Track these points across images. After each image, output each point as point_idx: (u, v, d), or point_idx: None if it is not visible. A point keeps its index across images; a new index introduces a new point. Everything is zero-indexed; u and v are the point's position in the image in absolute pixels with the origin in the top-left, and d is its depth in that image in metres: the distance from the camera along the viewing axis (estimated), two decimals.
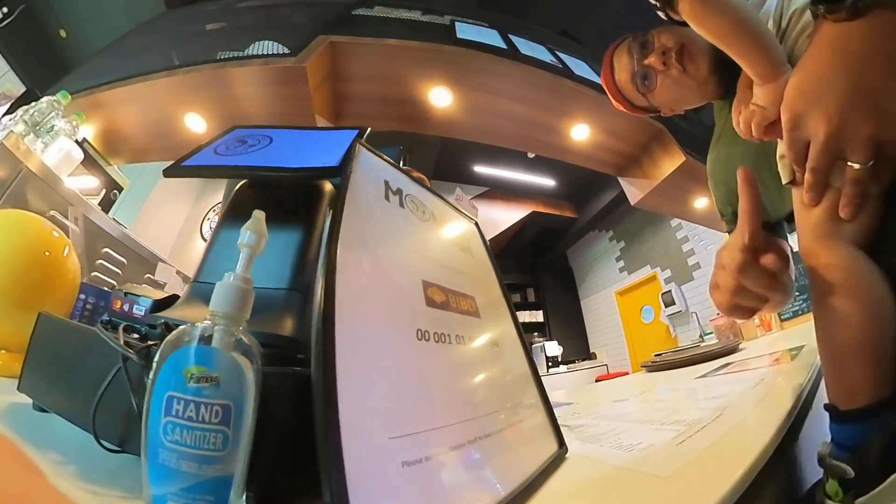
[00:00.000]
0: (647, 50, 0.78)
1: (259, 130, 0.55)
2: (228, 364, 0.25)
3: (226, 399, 0.24)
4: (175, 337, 0.25)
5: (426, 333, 0.32)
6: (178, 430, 0.23)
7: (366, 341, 0.28)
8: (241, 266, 0.28)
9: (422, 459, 0.26)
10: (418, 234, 0.40)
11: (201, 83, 2.13)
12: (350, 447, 0.23)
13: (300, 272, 0.41)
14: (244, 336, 0.26)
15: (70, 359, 0.38)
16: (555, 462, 0.39)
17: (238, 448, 0.24)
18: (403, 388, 0.28)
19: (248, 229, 0.29)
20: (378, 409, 0.26)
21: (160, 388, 0.24)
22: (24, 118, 1.73)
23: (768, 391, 0.57)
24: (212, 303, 0.26)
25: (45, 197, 1.57)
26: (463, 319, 0.39)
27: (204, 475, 0.23)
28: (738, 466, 0.31)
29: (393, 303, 0.32)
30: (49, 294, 0.61)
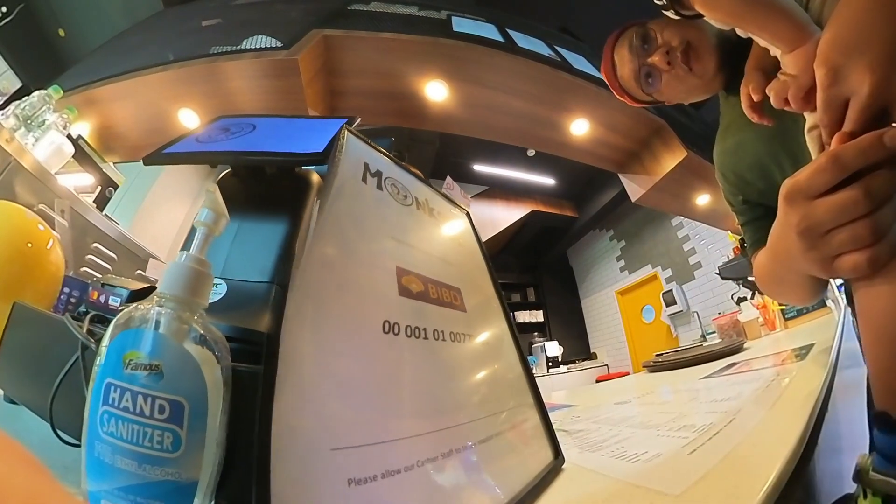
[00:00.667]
0: (649, 46, 0.74)
1: (243, 119, 0.53)
2: (175, 353, 0.22)
3: (175, 394, 0.21)
4: (123, 319, 0.23)
5: (395, 326, 0.28)
6: (114, 420, 0.20)
7: (322, 334, 0.24)
8: (195, 246, 0.25)
9: (376, 476, 0.21)
10: (396, 218, 0.36)
11: (194, 78, 2.12)
12: (282, 458, 0.19)
13: (283, 265, 0.38)
14: (201, 326, 0.23)
15: (39, 349, 0.37)
16: (549, 475, 0.35)
17: (198, 452, 0.21)
18: (358, 389, 0.24)
19: (204, 206, 0.26)
20: (322, 413, 0.21)
21: (102, 373, 0.22)
22: (15, 112, 1.74)
23: (781, 393, 0.53)
24: (160, 284, 0.24)
25: (34, 191, 1.56)
26: (444, 313, 0.34)
27: (148, 477, 0.20)
28: (762, 479, 0.26)
29: (358, 291, 0.28)
30: (30, 286, 0.61)
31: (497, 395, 0.36)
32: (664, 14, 0.63)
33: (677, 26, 0.72)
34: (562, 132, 2.44)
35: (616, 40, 0.81)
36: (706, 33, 0.72)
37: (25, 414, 0.35)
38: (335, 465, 0.20)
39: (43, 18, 3.04)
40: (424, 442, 0.25)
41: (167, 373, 0.21)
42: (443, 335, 0.32)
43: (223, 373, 0.23)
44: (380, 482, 0.21)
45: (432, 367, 0.29)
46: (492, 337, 0.41)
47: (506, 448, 0.32)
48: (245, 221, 0.41)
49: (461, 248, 0.45)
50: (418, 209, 0.41)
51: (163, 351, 0.21)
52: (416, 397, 0.27)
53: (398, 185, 0.41)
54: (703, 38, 0.72)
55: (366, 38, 2.03)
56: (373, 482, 0.21)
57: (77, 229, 1.69)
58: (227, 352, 0.24)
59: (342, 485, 0.20)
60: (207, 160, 0.51)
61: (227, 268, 0.37)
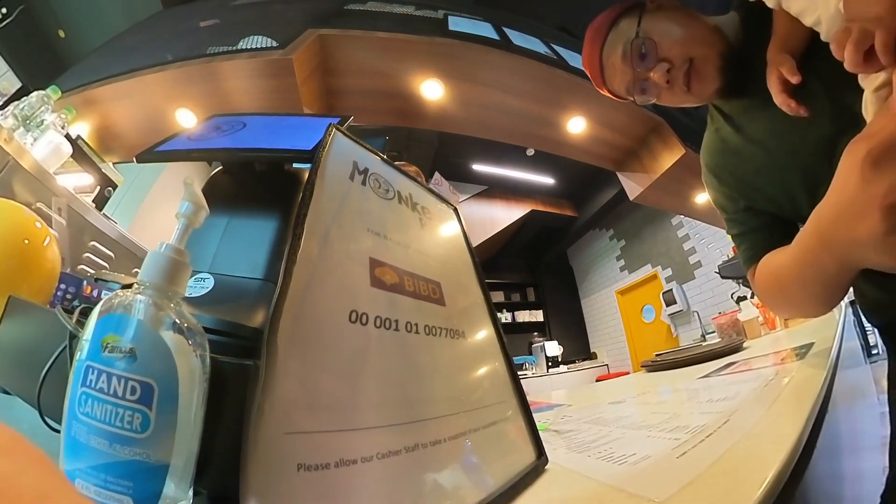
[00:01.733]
0: (647, 61, 0.66)
1: (235, 117, 0.54)
2: (147, 336, 0.23)
3: (145, 376, 0.22)
4: (105, 305, 0.24)
5: (363, 316, 0.27)
6: (90, 401, 0.22)
7: (297, 324, 0.24)
8: (175, 237, 0.26)
9: (329, 465, 0.21)
10: (373, 210, 0.35)
11: (191, 78, 2.13)
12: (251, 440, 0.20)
13: (274, 262, 0.39)
14: (176, 314, 0.24)
15: (31, 341, 0.38)
16: (529, 475, 0.33)
17: (168, 435, 0.22)
18: (317, 376, 0.23)
19: (184, 199, 0.27)
20: (282, 398, 0.21)
21: (82, 357, 0.23)
22: (13, 112, 1.76)
23: (779, 393, 0.51)
24: (140, 272, 0.25)
25: (32, 190, 1.57)
26: (420, 305, 0.33)
27: (117, 456, 0.21)
28: (754, 486, 0.25)
29: (328, 280, 0.27)
30: (26, 281, 0.61)
31: (474, 390, 0.35)
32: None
33: (683, 36, 0.65)
34: (559, 130, 2.43)
35: (605, 37, 0.71)
36: (713, 50, 0.65)
37: (18, 404, 0.36)
38: (287, 449, 0.20)
39: (43, 19, 3.05)
40: (387, 434, 0.24)
41: (140, 356, 0.22)
42: (416, 328, 0.31)
43: (199, 361, 0.23)
44: (332, 471, 0.21)
45: (402, 360, 0.29)
46: (471, 331, 0.39)
47: (480, 445, 0.31)
48: (235, 217, 0.41)
49: (445, 243, 0.44)
50: (400, 203, 0.41)
51: (137, 335, 0.22)
52: (381, 388, 0.26)
53: (380, 179, 0.40)
54: (710, 55, 0.65)
55: (361, 38, 2.03)
56: (325, 469, 0.21)
57: (75, 227, 1.69)
58: (205, 341, 0.24)
59: (292, 470, 0.20)
60: (198, 157, 0.51)
61: (215, 262, 0.37)
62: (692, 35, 0.65)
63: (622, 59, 0.68)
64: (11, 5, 2.77)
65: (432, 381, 0.30)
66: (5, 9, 2.75)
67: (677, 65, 0.65)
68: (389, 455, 0.23)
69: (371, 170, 0.40)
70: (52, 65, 2.94)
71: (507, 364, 0.41)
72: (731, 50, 0.66)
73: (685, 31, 0.66)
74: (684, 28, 0.66)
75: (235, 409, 0.24)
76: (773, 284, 0.56)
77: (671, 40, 0.65)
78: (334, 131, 0.38)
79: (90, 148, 2.32)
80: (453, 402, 0.31)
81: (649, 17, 0.68)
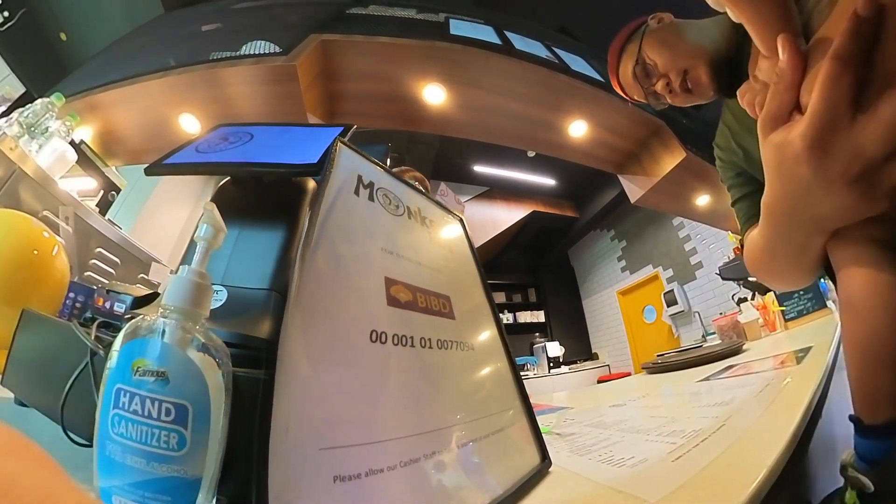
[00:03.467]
0: (650, 77, 0.79)
1: (242, 128, 0.55)
2: (180, 360, 0.24)
3: (180, 398, 0.23)
4: (131, 329, 0.24)
5: (382, 335, 0.29)
6: (124, 422, 0.22)
7: (313, 343, 0.25)
8: (196, 260, 0.27)
9: (360, 475, 0.23)
10: (387, 229, 0.37)
11: (194, 84, 2.14)
12: (277, 455, 0.21)
13: (280, 272, 0.39)
14: (202, 335, 0.25)
15: (48, 354, 0.39)
16: (535, 477, 0.35)
17: (202, 451, 0.23)
18: (346, 395, 0.25)
19: (203, 222, 0.28)
20: (312, 416, 0.23)
21: (112, 379, 0.23)
22: (18, 120, 1.77)
23: (774, 398, 0.53)
24: (164, 296, 0.25)
25: (38, 197, 1.59)
26: (432, 321, 0.35)
27: (155, 473, 0.22)
28: (741, 490, 0.27)
29: (345, 300, 0.29)
30: (37, 291, 0.63)
31: (483, 399, 0.37)
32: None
33: (673, 55, 0.76)
34: (560, 134, 2.45)
35: (618, 61, 0.86)
36: (700, 60, 0.74)
37: (35, 416, 0.37)
38: (323, 463, 0.22)
39: (45, 23, 3.05)
40: (408, 444, 0.26)
41: (172, 379, 0.23)
42: (430, 343, 0.33)
43: (224, 378, 0.25)
44: (363, 480, 0.23)
45: (418, 374, 0.30)
46: (479, 342, 0.41)
47: (490, 451, 0.33)
48: (245, 229, 0.42)
49: (452, 256, 0.46)
50: (410, 218, 0.42)
51: (168, 359, 0.23)
52: (401, 402, 0.28)
53: (390, 195, 0.42)
54: (699, 66, 0.74)
55: (363, 43, 2.05)
56: (357, 480, 0.23)
57: (81, 234, 1.71)
58: (228, 358, 0.25)
59: (328, 481, 0.22)
60: (207, 171, 0.52)
61: (227, 274, 0.38)
62: (681, 52, 0.76)
63: (633, 78, 0.82)
64: (13, 8, 2.78)
65: (446, 392, 0.32)
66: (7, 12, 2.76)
67: (673, 78, 0.76)
68: (410, 462, 0.25)
69: (378, 184, 0.42)
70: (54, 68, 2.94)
71: (513, 371, 0.43)
72: (718, 55, 0.74)
73: (674, 49, 0.77)
74: (673, 47, 0.77)
75: (250, 419, 0.25)
76: (756, 259, 0.60)
77: (665, 60, 0.77)
78: (339, 146, 0.39)
79: (93, 152, 2.33)
80: (465, 411, 0.33)
81: (648, 39, 0.80)
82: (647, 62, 0.79)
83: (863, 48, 0.29)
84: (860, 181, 0.31)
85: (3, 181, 1.49)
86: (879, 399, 0.35)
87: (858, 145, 0.29)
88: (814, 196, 0.34)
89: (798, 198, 0.36)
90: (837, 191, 0.32)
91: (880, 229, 0.36)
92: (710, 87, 0.74)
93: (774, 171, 0.37)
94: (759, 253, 0.55)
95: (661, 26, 0.81)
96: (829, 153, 0.31)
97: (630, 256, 5.59)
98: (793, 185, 0.35)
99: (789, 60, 0.33)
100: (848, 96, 0.29)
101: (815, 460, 0.47)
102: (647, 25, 0.82)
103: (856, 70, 0.29)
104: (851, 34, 0.29)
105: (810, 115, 0.31)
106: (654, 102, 0.83)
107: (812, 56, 0.33)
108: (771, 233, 0.46)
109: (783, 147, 0.34)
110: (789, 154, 0.33)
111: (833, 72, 0.29)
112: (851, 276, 0.39)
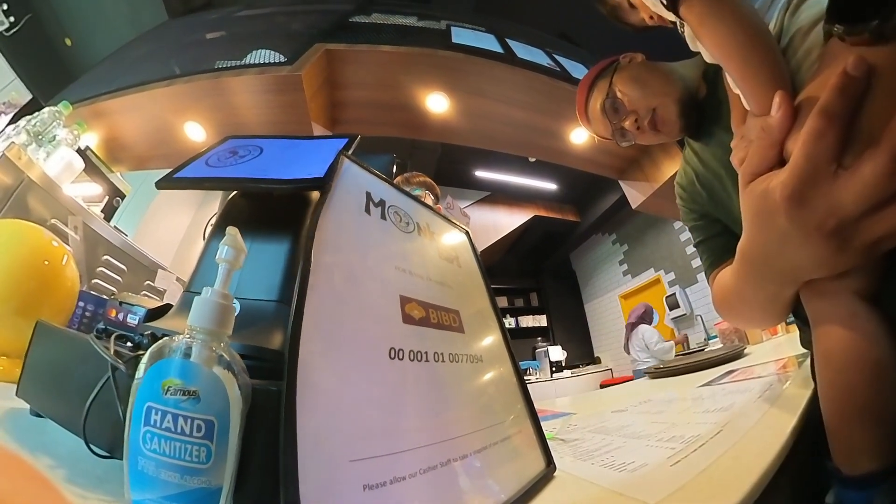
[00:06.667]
0: (620, 114, 0.80)
1: (251, 141, 0.56)
2: (208, 379, 0.25)
3: (208, 414, 0.24)
4: (157, 349, 0.26)
5: (400, 352, 0.31)
6: (157, 439, 0.24)
7: (333, 359, 0.27)
8: (219, 281, 0.28)
9: (386, 482, 0.25)
10: (399, 247, 0.39)
11: (199, 92, 2.16)
12: (307, 467, 0.22)
13: (289, 283, 0.41)
14: (225, 352, 0.26)
15: (64, 366, 0.39)
16: (540, 482, 0.37)
17: (223, 462, 0.24)
18: (371, 409, 0.27)
19: (225, 245, 0.29)
20: (341, 430, 0.25)
21: (141, 398, 0.25)
22: (26, 128, 1.78)
23: (772, 404, 0.55)
24: (190, 317, 0.27)
25: (46, 206, 1.60)
26: (444, 336, 0.37)
27: (187, 486, 0.23)
28: (735, 493, 0.29)
29: (365, 319, 0.31)
30: (48, 301, 0.63)
31: (492, 408, 0.39)
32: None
33: (643, 93, 0.77)
34: (562, 141, 2.47)
35: (587, 95, 0.86)
36: (670, 98, 0.75)
37: (51, 427, 0.37)
38: (353, 473, 0.24)
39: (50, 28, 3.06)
40: (426, 452, 0.28)
41: (203, 396, 0.24)
42: (442, 357, 0.35)
43: (241, 390, 0.26)
44: (389, 487, 0.25)
45: (432, 387, 0.32)
46: (487, 354, 0.43)
47: (500, 457, 0.35)
48: (254, 241, 0.43)
49: (460, 270, 0.48)
50: (419, 235, 0.44)
51: (198, 378, 0.25)
52: (419, 414, 0.30)
53: (400, 212, 0.44)
54: (668, 104, 0.75)
55: (367, 52, 2.07)
56: (383, 487, 0.25)
57: (88, 242, 1.72)
58: (245, 371, 0.27)
59: (359, 490, 0.24)
60: (217, 187, 0.53)
61: (240, 287, 0.39)
62: (651, 90, 0.77)
63: (601, 112, 0.82)
64: (19, 13, 2.80)
65: (458, 403, 0.34)
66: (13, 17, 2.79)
67: (642, 115, 0.77)
68: (429, 470, 0.28)
69: (388, 202, 0.43)
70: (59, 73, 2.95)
71: (518, 380, 0.45)
72: (688, 95, 0.76)
73: (645, 87, 0.78)
74: (644, 84, 0.78)
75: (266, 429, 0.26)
76: (726, 302, 0.61)
77: (635, 96, 0.78)
78: (344, 160, 0.40)
79: (98, 158, 2.35)
80: (475, 421, 0.35)
81: (619, 75, 0.81)
82: (616, 98, 0.79)
83: (849, 106, 0.30)
84: (836, 235, 0.32)
85: (11, 190, 1.50)
86: (857, 451, 0.36)
87: (837, 200, 0.30)
88: (790, 246, 0.35)
89: (774, 247, 0.37)
90: (813, 243, 0.33)
91: (857, 281, 0.37)
92: (677, 126, 0.76)
93: (752, 220, 0.37)
94: (730, 296, 0.56)
95: (632, 64, 0.82)
96: (807, 205, 0.31)
97: (632, 260, 5.60)
98: (770, 234, 0.36)
99: (782, 118, 0.34)
100: (831, 152, 0.30)
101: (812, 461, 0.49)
102: (619, 63, 0.84)
103: (840, 127, 0.30)
104: (839, 91, 0.30)
105: (792, 166, 0.32)
106: (619, 139, 0.83)
107: (800, 111, 0.34)
108: (744, 278, 0.47)
109: (763, 196, 0.34)
110: (768, 203, 0.34)
111: (818, 127, 0.30)
112: (827, 331, 0.39)
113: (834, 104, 0.30)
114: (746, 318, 0.63)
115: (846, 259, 0.33)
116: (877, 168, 0.28)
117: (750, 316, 0.60)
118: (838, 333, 0.38)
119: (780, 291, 0.43)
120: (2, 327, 0.59)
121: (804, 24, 0.50)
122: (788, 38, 0.52)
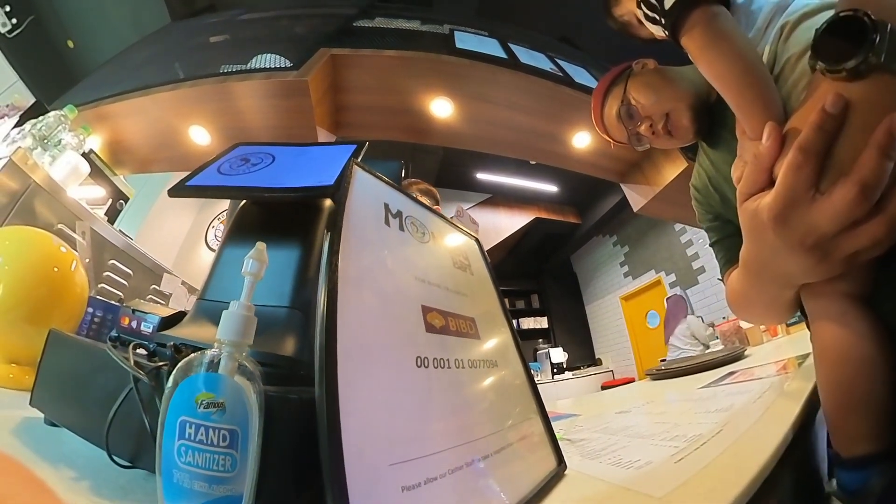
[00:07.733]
0: (635, 120, 0.82)
1: (262, 148, 0.56)
2: (232, 388, 0.26)
3: (232, 424, 0.25)
4: (186, 364, 0.26)
5: (425, 360, 0.33)
6: (191, 452, 0.24)
7: (367, 369, 0.29)
8: (244, 294, 0.29)
9: (420, 483, 0.27)
10: (418, 258, 0.41)
11: (204, 96, 2.16)
12: (353, 475, 0.24)
13: (300, 290, 0.42)
14: (247, 361, 0.27)
15: (81, 376, 0.39)
16: (553, 480, 0.39)
17: (245, 468, 0.25)
18: (403, 416, 0.29)
19: (251, 258, 0.30)
20: (379, 436, 0.27)
21: (174, 412, 0.25)
22: (31, 132, 1.77)
23: (770, 404, 0.57)
24: (219, 331, 0.27)
25: (52, 210, 1.60)
26: (462, 342, 0.39)
27: (214, 495, 0.24)
28: (735, 486, 0.31)
29: (393, 330, 0.32)
30: (58, 308, 0.63)
31: (506, 410, 0.41)
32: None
33: (656, 99, 0.80)
34: (564, 145, 2.49)
35: (603, 102, 0.89)
36: (683, 104, 0.78)
37: (67, 436, 0.37)
38: (392, 476, 0.26)
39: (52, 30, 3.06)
40: (452, 454, 0.30)
41: (229, 407, 0.25)
42: (462, 363, 0.37)
43: (258, 397, 0.27)
44: (423, 488, 0.27)
45: (455, 393, 0.35)
46: (501, 359, 0.45)
47: (515, 457, 0.37)
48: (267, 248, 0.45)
49: (473, 278, 0.50)
50: (434, 244, 0.46)
51: (224, 389, 0.26)
52: (444, 418, 0.32)
53: (417, 223, 0.46)
54: (681, 110, 0.78)
55: (371, 56, 2.08)
56: (418, 488, 0.27)
57: (95, 247, 1.73)
58: (261, 379, 0.27)
59: (398, 491, 0.26)
60: (231, 195, 0.53)
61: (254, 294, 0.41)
62: (664, 96, 0.80)
63: (616, 119, 0.85)
64: (21, 16, 2.80)
65: (479, 407, 0.37)
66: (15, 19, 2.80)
67: (656, 120, 0.80)
68: (455, 470, 0.30)
69: (405, 213, 0.45)
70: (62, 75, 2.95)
71: (530, 382, 0.47)
72: (699, 100, 0.79)
73: (658, 93, 0.80)
74: (657, 91, 0.80)
75: (284, 436, 0.28)
76: (736, 302, 0.65)
77: (649, 102, 0.80)
78: (356, 169, 0.41)
79: (102, 161, 2.36)
80: (494, 423, 0.37)
81: (633, 82, 0.83)
82: (631, 104, 0.82)
83: (826, 140, 0.34)
84: (816, 249, 0.36)
85: (18, 194, 1.49)
86: (853, 437, 0.40)
87: (814, 221, 0.35)
88: (779, 257, 0.40)
89: (767, 257, 0.42)
90: (798, 255, 0.38)
91: (847, 284, 0.42)
92: (691, 130, 0.79)
93: (748, 234, 0.42)
94: (739, 297, 0.61)
95: (644, 71, 0.85)
96: (789, 225, 0.36)
97: (632, 262, 5.62)
98: (763, 246, 0.41)
99: (771, 147, 0.38)
100: (808, 181, 0.34)
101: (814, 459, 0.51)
102: (632, 69, 0.86)
103: (816, 161, 0.34)
104: (817, 128, 0.34)
105: (775, 192, 0.36)
106: (636, 144, 0.86)
107: (787, 139, 0.38)
108: (747, 283, 0.52)
109: (754, 215, 0.39)
110: (758, 221, 0.39)
111: (796, 161, 0.34)
112: (822, 328, 0.44)
113: (811, 141, 0.34)
114: (756, 316, 0.70)
115: (829, 268, 0.38)
116: (847, 196, 0.32)
117: (757, 314, 0.67)
118: (831, 331, 0.43)
119: (780, 293, 0.48)
120: (12, 335, 0.59)
121: (794, 52, 0.55)
122: (780, 66, 0.57)
